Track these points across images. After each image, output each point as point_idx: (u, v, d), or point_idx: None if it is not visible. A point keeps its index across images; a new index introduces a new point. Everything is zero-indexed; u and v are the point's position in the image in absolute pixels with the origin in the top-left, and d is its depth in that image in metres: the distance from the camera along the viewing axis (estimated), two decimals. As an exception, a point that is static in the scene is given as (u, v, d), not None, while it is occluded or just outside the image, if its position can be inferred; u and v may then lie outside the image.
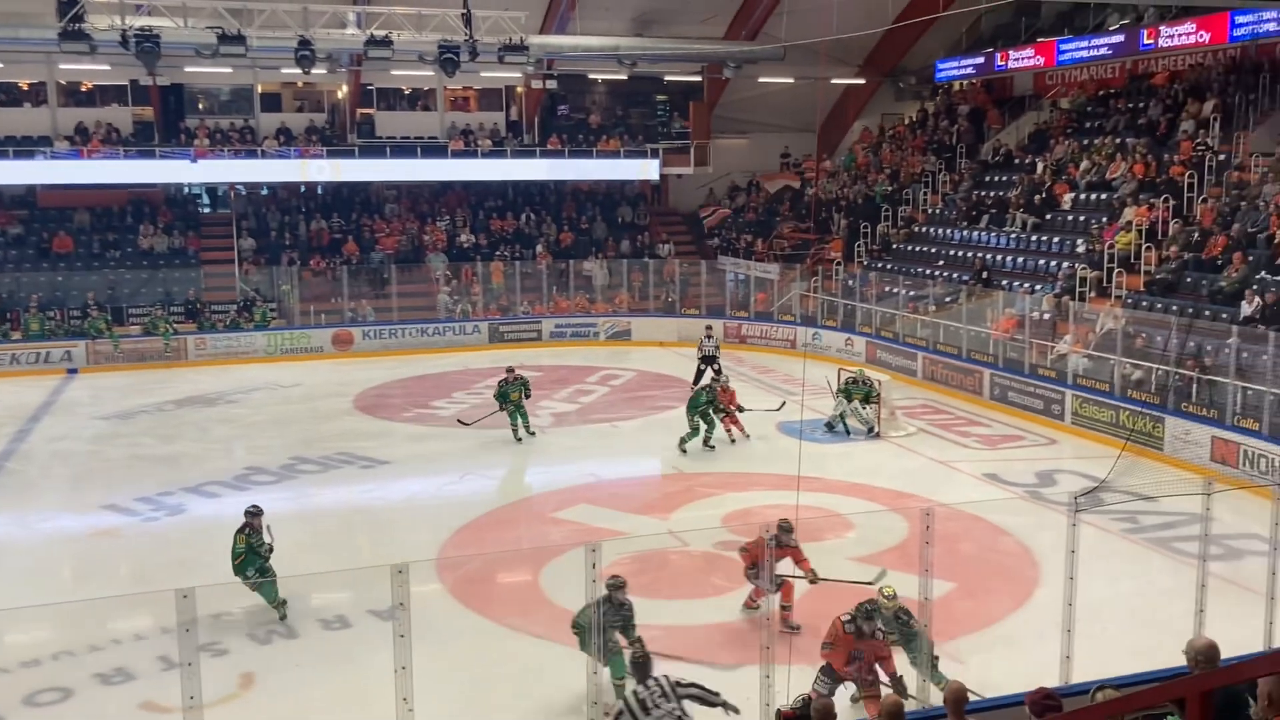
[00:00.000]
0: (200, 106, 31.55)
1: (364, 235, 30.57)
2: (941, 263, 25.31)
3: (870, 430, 18.35)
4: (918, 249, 26.76)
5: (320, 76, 29.10)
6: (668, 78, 33.82)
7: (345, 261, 29.21)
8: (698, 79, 33.21)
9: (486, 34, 23.06)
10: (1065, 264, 21.79)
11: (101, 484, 16.15)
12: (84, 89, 30.66)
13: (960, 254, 25.04)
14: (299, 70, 23.62)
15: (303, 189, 31.57)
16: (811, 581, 10.52)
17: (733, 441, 17.66)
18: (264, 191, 31.53)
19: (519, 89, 32.80)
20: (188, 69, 28.09)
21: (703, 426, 17.23)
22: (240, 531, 11.19)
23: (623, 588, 9.07)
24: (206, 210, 31.86)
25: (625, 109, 35.28)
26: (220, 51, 21.86)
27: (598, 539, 11.50)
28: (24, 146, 28.25)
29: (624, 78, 31.59)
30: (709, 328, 23.23)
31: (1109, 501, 14.19)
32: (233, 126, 30.52)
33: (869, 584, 9.74)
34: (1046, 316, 20.56)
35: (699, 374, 21.75)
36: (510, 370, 18.49)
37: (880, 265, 26.84)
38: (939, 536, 8.62)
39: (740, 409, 17.98)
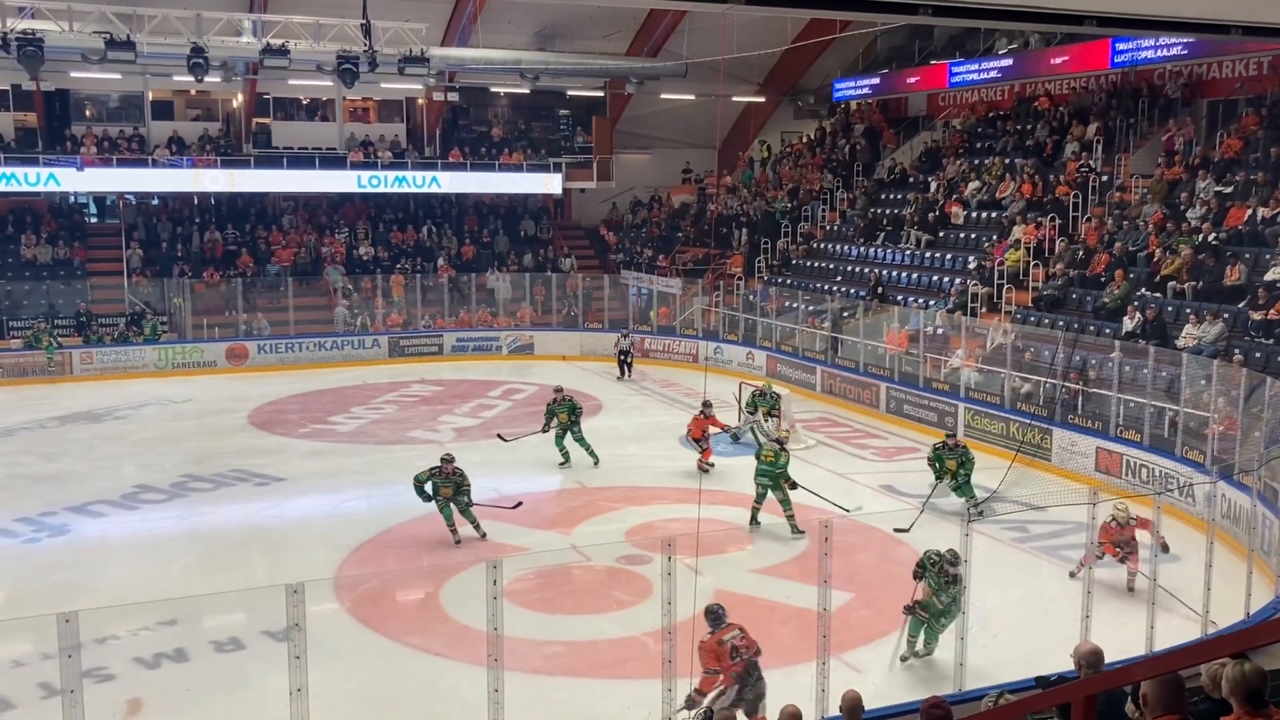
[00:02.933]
0: (87, 113, 30.48)
1: (260, 247, 29.87)
2: (839, 278, 25.83)
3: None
4: (816, 265, 27.26)
5: (214, 85, 28.34)
6: (570, 92, 33.89)
7: (240, 274, 28.49)
8: (600, 94, 33.36)
9: (387, 45, 22.79)
10: (957, 280, 22.45)
11: (-22, 505, 15.42)
12: (-39, 92, 29.34)
13: (857, 270, 25.59)
14: (192, 78, 23.02)
15: (196, 200, 30.70)
16: None
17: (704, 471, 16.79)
18: (155, 202, 30.59)
19: (420, 101, 32.49)
20: (74, 74, 27.09)
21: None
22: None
23: (452, 460, 13.48)
24: (94, 220, 30.78)
25: (528, 123, 35.23)
26: (108, 57, 21.16)
27: (499, 555, 11.43)
28: (-105, 151, 26.94)
29: (526, 91, 31.56)
30: (625, 329, 26.47)
31: (1000, 511, 14.61)
32: (122, 134, 29.54)
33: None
34: (939, 331, 21.14)
35: (621, 367, 25.34)
36: (559, 390, 17.57)
37: (780, 280, 27.27)
38: (837, 548, 8.76)
39: (706, 435, 17.13)
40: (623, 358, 25.56)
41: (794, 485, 14.14)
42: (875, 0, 11.41)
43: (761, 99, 33.57)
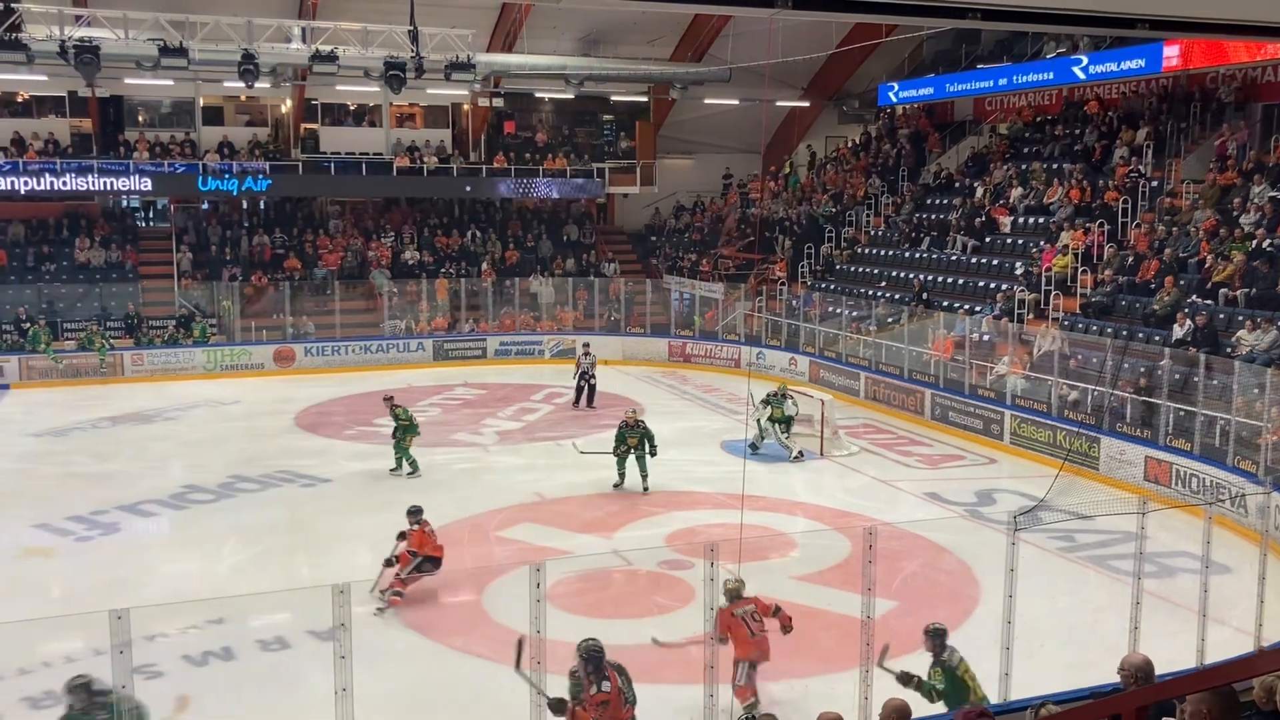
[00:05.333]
0: (140, 119, 31.04)
1: (307, 251, 30.24)
2: (884, 284, 25.66)
3: (791, 455, 18.11)
4: (861, 270, 27.10)
5: (264, 91, 28.78)
6: (614, 97, 33.98)
7: (288, 277, 28.86)
8: (644, 99, 33.41)
9: (433, 51, 23.00)
10: (1004, 286, 22.22)
11: (33, 503, 15.73)
12: (20, 99, 30.01)
13: (902, 275, 25.41)
14: (242, 84, 23.36)
15: (245, 204, 31.17)
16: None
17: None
18: (205, 206, 31.07)
19: (465, 106, 32.73)
20: (128, 80, 27.63)
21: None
22: None
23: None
24: (145, 224, 31.31)
25: (572, 128, 35.35)
26: (161, 64, 21.56)
27: (541, 558, 11.45)
28: (-45, 156, 27.59)
29: (571, 97, 31.69)
30: (586, 345, 23.61)
31: (1047, 520, 14.43)
32: (173, 139, 30.06)
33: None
34: (986, 338, 20.93)
35: (579, 392, 22.29)
36: (633, 414, 16.87)
37: (824, 286, 27.14)
38: (881, 555, 8.72)
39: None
40: (583, 384, 22.28)
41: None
42: (923, 5, 11.33)
43: (806, 103, 33.46)
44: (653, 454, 16.21)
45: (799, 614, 9.92)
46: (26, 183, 27.09)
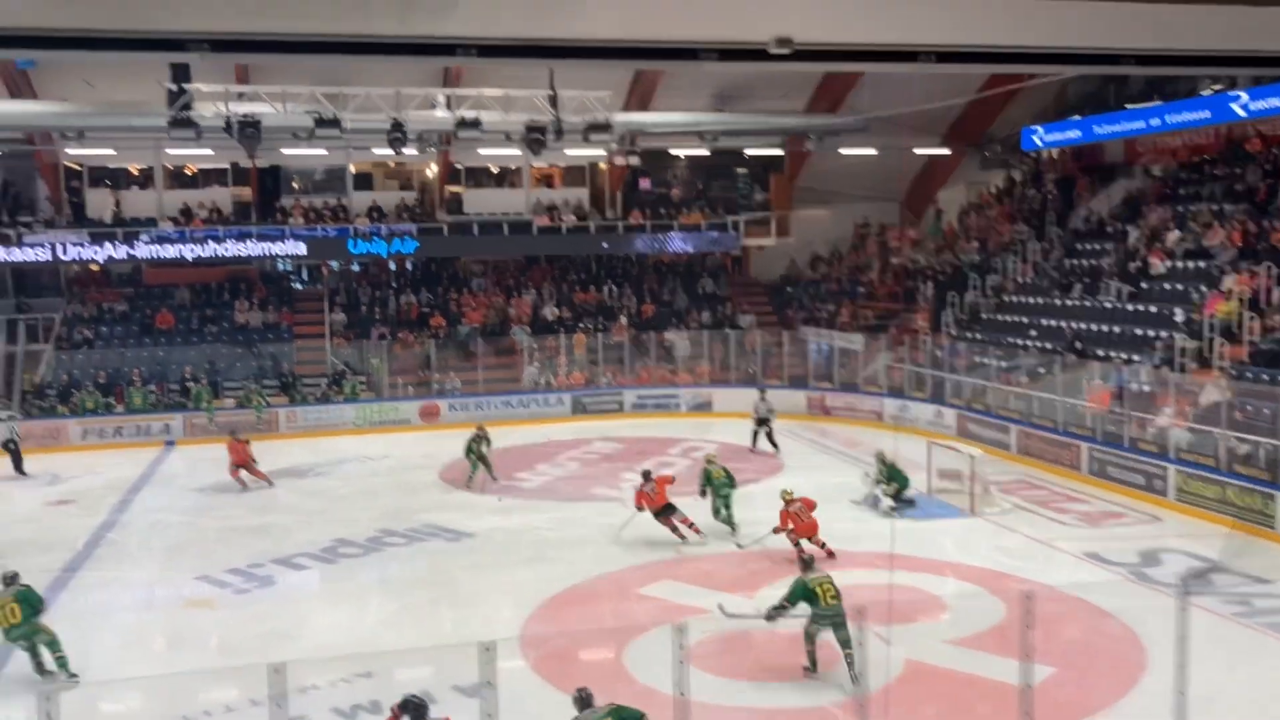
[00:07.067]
0: (295, 186, 32.66)
1: (451, 309, 31.11)
2: (1034, 333, 24.77)
3: (877, 508, 17.79)
4: (1008, 319, 26.25)
5: (411, 156, 29.93)
6: (749, 151, 34.06)
7: (433, 335, 29.73)
8: (779, 151, 33.37)
9: (572, 113, 23.46)
10: (1163, 333, 21.16)
11: (196, 555, 16.44)
12: (188, 172, 32.01)
13: (1053, 324, 24.49)
14: (391, 151, 24.30)
15: (392, 265, 32.35)
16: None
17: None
18: (355, 267, 32.36)
19: (602, 165, 33.30)
20: (284, 151, 29.15)
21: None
22: None
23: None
24: (300, 286, 32.81)
25: (706, 182, 35.55)
26: (316, 134, 22.60)
27: (682, 617, 11.30)
28: (132, 227, 29.49)
29: (705, 152, 31.89)
30: (762, 391, 24.31)
31: (1220, 583, 13.53)
32: (326, 205, 31.50)
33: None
34: (1145, 388, 19.92)
35: (755, 436, 23.22)
36: (712, 461, 17.38)
37: (969, 335, 26.38)
38: (1039, 619, 8.27)
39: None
40: (758, 429, 23.27)
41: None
42: (1073, 53, 11.00)
43: (946, 150, 32.86)
44: (727, 487, 16.90)
45: (953, 680, 9.50)
46: (193, 250, 28.71)
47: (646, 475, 16.75)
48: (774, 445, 23.11)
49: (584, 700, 8.84)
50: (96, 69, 24.35)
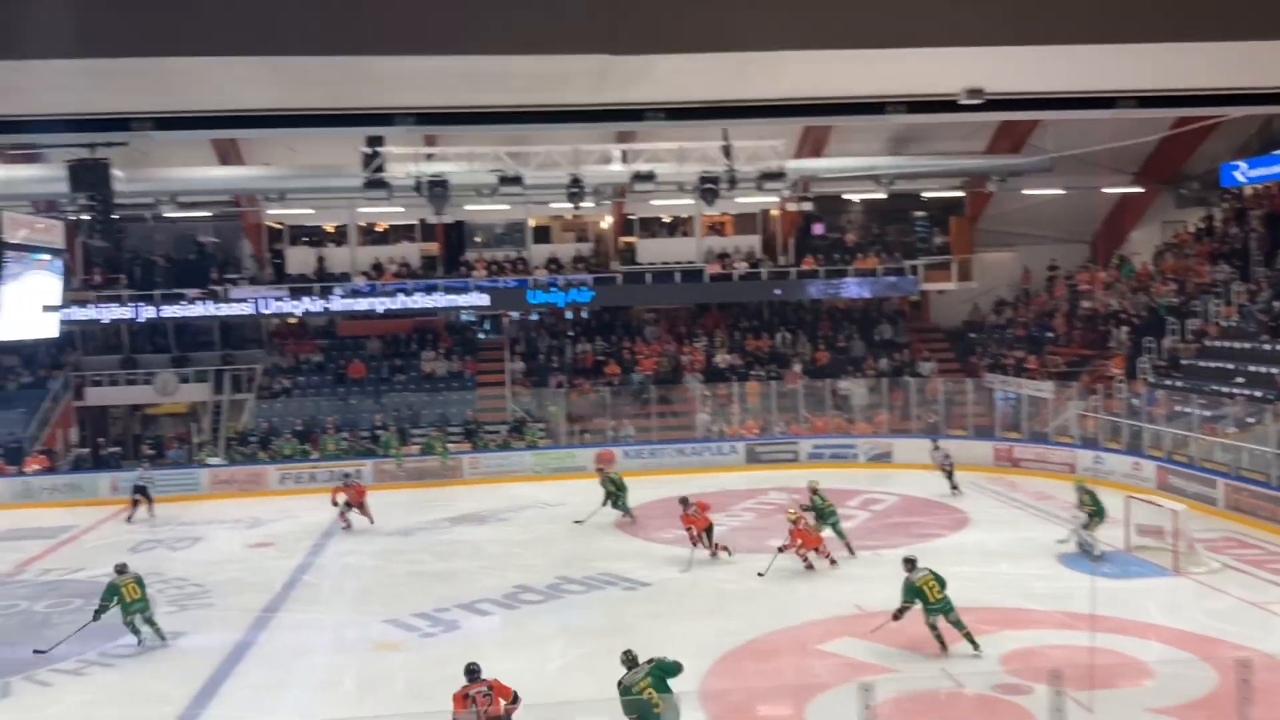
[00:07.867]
0: (478, 240, 33.93)
1: (625, 357, 31.52)
2: (1240, 379, 23.16)
3: (1090, 554, 17.11)
4: (1211, 365, 24.65)
5: (587, 209, 30.68)
6: (926, 194, 33.36)
7: (608, 383, 30.16)
8: (959, 193, 32.57)
9: (745, 162, 23.56)
10: (1392, 380, 19.43)
11: (385, 599, 17.02)
12: (379, 229, 33.74)
13: (1261, 370, 22.85)
14: (569, 204, 24.95)
15: (569, 314, 33.10)
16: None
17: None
18: (534, 317, 33.26)
19: (774, 211, 33.24)
20: (468, 207, 30.32)
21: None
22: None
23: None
24: (482, 335, 33.91)
25: (882, 226, 35.00)
26: (499, 191, 23.48)
27: (864, 674, 10.97)
28: (327, 282, 31.23)
29: (882, 195, 31.45)
30: (935, 441, 24.61)
31: None
32: (507, 258, 32.58)
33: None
34: (1373, 439, 18.30)
35: (951, 477, 23.36)
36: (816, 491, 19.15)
37: (1168, 382, 24.88)
38: (1258, 690, 7.63)
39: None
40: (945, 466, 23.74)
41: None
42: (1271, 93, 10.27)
43: (1139, 189, 31.35)
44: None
45: None
46: (383, 303, 30.24)
47: (684, 501, 18.64)
48: (954, 487, 23.27)
49: (631, 660, 10.15)
50: (298, 135, 26.06)
